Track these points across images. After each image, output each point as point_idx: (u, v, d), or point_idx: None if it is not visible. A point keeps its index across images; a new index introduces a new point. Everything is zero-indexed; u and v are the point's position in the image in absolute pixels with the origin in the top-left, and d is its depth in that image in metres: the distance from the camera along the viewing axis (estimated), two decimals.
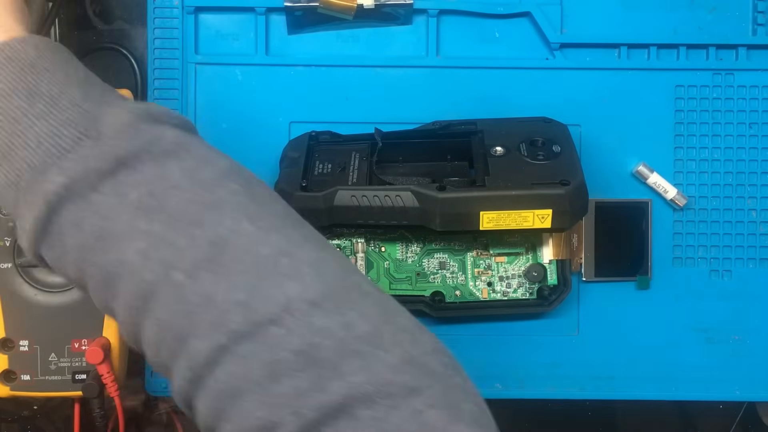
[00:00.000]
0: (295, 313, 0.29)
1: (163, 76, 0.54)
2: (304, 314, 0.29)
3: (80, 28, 0.58)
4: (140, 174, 0.32)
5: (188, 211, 0.32)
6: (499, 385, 0.55)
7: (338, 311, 0.30)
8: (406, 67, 0.55)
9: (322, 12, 0.54)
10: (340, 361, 0.29)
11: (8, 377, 0.50)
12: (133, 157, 0.32)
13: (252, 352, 0.29)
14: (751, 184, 0.55)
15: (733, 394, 0.55)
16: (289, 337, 0.29)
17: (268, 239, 0.31)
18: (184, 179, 0.32)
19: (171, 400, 0.48)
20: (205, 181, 0.33)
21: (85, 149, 0.32)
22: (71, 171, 0.32)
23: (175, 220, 0.31)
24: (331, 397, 0.28)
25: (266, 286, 0.30)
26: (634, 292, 0.55)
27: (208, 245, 0.31)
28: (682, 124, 0.55)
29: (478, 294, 0.53)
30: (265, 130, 0.55)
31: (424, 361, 0.30)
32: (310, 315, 0.30)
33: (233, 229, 0.31)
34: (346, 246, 0.53)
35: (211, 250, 0.31)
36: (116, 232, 0.31)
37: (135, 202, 0.31)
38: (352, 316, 0.30)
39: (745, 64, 0.55)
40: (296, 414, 0.28)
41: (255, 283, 0.30)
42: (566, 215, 0.47)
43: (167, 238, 0.31)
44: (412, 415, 0.28)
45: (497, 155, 0.49)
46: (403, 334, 0.30)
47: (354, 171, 0.50)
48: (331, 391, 0.28)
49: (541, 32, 0.55)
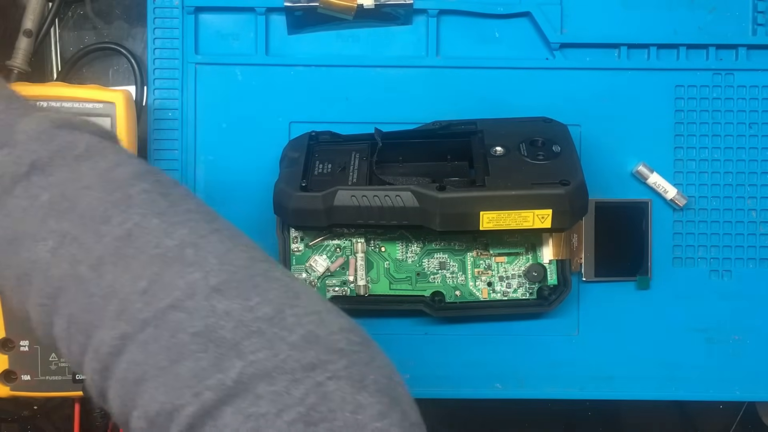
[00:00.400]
0: (196, 297, 0.30)
1: (163, 76, 0.54)
2: (205, 298, 0.30)
3: (80, 28, 0.58)
4: (53, 177, 0.33)
5: (98, 209, 0.32)
6: (499, 385, 0.55)
7: (240, 296, 0.30)
8: (406, 67, 0.55)
9: (322, 12, 0.54)
10: (240, 341, 0.29)
11: (8, 377, 0.50)
12: (47, 161, 0.33)
13: (154, 338, 0.30)
14: (751, 184, 0.55)
15: (733, 394, 0.55)
16: (190, 320, 0.30)
17: (174, 232, 0.32)
18: (96, 180, 0.33)
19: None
20: (117, 182, 0.34)
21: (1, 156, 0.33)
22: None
23: (85, 218, 0.32)
24: (231, 375, 0.28)
25: (169, 275, 0.31)
26: (634, 292, 0.55)
27: (114, 240, 0.32)
28: (682, 124, 0.55)
29: (478, 294, 0.53)
30: (265, 130, 0.55)
31: (329, 339, 0.30)
32: (211, 299, 0.30)
33: (140, 224, 0.32)
34: (346, 246, 0.53)
35: (116, 244, 0.32)
36: (28, 233, 0.33)
37: (46, 204, 0.33)
38: (255, 300, 0.30)
39: (745, 64, 0.55)
40: (197, 395, 0.28)
41: (158, 272, 0.31)
42: (566, 215, 0.47)
43: (76, 235, 0.32)
44: (314, 387, 0.28)
45: (497, 155, 0.49)
46: (309, 316, 0.31)
47: (354, 171, 0.50)
48: (231, 370, 0.28)
49: (541, 32, 0.55)
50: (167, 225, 0.32)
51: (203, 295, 0.30)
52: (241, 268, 0.32)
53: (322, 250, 0.53)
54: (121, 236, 0.32)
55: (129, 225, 0.32)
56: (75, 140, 0.35)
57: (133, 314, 0.30)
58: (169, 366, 0.29)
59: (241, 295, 0.30)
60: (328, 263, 0.53)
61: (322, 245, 0.53)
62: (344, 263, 0.53)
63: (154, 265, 0.31)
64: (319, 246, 0.53)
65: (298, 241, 0.53)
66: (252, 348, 0.29)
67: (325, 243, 0.53)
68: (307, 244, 0.53)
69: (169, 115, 0.54)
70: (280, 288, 0.32)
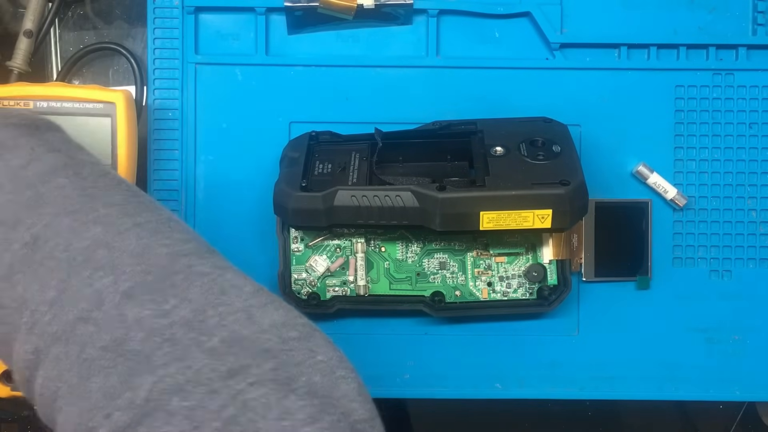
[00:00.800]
0: (104, 307, 0.28)
1: (163, 76, 0.54)
2: (115, 307, 0.28)
3: (80, 28, 0.58)
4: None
5: (7, 212, 0.31)
6: (499, 385, 0.55)
7: (154, 300, 0.28)
8: (406, 67, 0.55)
9: (322, 12, 0.54)
10: (152, 353, 0.27)
11: (9, 377, 0.50)
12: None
13: (64, 353, 0.28)
14: (751, 184, 0.55)
15: (733, 394, 0.55)
16: (98, 333, 0.28)
17: (86, 232, 0.30)
18: (7, 179, 0.31)
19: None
20: (29, 179, 0.31)
21: None
22: None
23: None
24: (141, 394, 0.26)
25: (77, 282, 0.29)
26: (634, 292, 0.55)
27: (22, 246, 0.30)
28: (682, 124, 0.55)
29: (478, 294, 0.53)
30: (265, 130, 0.55)
31: (254, 339, 0.28)
32: (121, 307, 0.28)
33: (49, 225, 0.30)
34: (346, 246, 0.53)
35: (24, 251, 0.30)
36: None
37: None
38: (172, 303, 0.28)
39: (745, 64, 0.55)
40: (107, 416, 0.26)
41: (65, 279, 0.29)
42: (566, 215, 0.47)
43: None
44: (232, 397, 0.26)
45: (497, 155, 0.49)
46: (235, 314, 0.28)
47: (354, 171, 0.50)
48: (141, 387, 0.26)
49: (541, 32, 0.55)
50: (79, 224, 0.30)
51: (112, 304, 0.28)
52: (159, 266, 0.29)
53: (322, 250, 0.53)
54: (29, 242, 0.30)
55: (37, 228, 0.30)
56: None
57: (43, 328, 0.28)
58: (78, 383, 0.27)
59: (155, 299, 0.28)
60: (328, 263, 0.53)
61: (322, 245, 0.53)
62: (344, 263, 0.53)
63: (62, 271, 0.29)
64: (319, 246, 0.53)
65: (298, 241, 0.53)
66: (164, 360, 0.27)
67: (325, 243, 0.53)
68: (307, 244, 0.53)
69: (169, 115, 0.54)
70: (205, 285, 0.29)
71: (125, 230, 0.30)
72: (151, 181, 0.54)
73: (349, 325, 0.54)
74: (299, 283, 0.53)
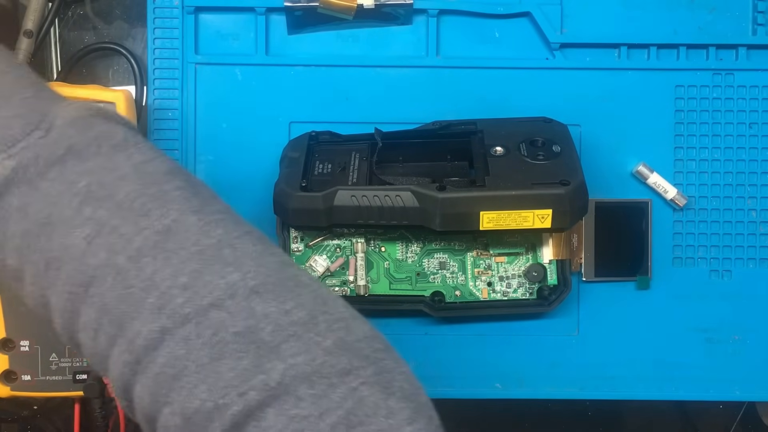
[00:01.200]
0: (236, 297, 0.30)
1: (163, 76, 0.54)
2: (245, 299, 0.30)
3: (80, 28, 0.58)
4: (90, 163, 0.33)
5: (135, 201, 0.32)
6: (499, 385, 0.55)
7: (276, 299, 0.31)
8: (406, 67, 0.55)
9: (322, 12, 0.54)
10: (279, 344, 0.29)
11: (9, 377, 0.50)
12: (84, 147, 0.33)
13: (195, 334, 0.30)
14: (751, 184, 0.55)
15: (733, 394, 0.55)
16: (231, 320, 0.30)
17: (211, 231, 0.32)
18: (132, 172, 0.33)
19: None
20: (152, 175, 0.33)
21: (35, 138, 0.33)
22: (20, 156, 0.32)
23: (122, 209, 0.32)
24: (274, 377, 0.29)
25: (209, 273, 0.31)
26: (634, 292, 0.55)
27: (153, 234, 0.31)
28: (682, 124, 0.55)
29: (478, 294, 0.53)
30: (265, 130, 0.55)
31: (356, 346, 0.30)
32: (250, 300, 0.30)
33: (178, 220, 0.32)
34: (346, 246, 0.53)
35: (156, 238, 0.31)
36: (62, 218, 0.32)
37: (83, 190, 0.32)
38: (290, 304, 0.31)
39: (745, 64, 0.55)
40: (241, 395, 0.28)
41: (198, 269, 0.31)
42: (566, 215, 0.47)
43: (113, 225, 0.32)
44: (350, 392, 0.29)
45: (497, 155, 0.49)
46: (338, 323, 0.31)
47: (354, 171, 0.50)
48: (273, 371, 0.29)
49: (541, 32, 0.55)
50: (204, 223, 0.32)
51: (243, 296, 0.30)
52: (275, 271, 0.32)
53: (322, 250, 0.53)
54: (161, 230, 0.31)
55: (168, 220, 0.32)
56: (112, 130, 0.34)
57: (174, 309, 0.30)
58: (209, 363, 0.29)
59: (277, 298, 0.31)
60: (328, 263, 0.53)
61: (322, 245, 0.53)
62: (344, 263, 0.53)
63: (194, 261, 0.31)
64: (319, 246, 0.53)
65: (298, 241, 0.53)
66: (291, 351, 0.29)
67: (325, 243, 0.53)
68: (307, 244, 0.53)
69: (169, 115, 0.54)
70: (310, 293, 0.32)
71: (241, 235, 0.33)
72: None
73: None
74: None
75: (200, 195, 0.34)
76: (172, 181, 0.34)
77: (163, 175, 0.34)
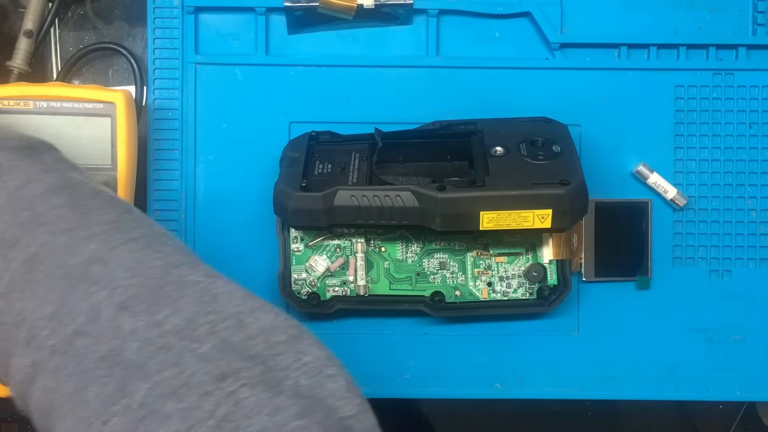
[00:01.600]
0: (100, 320, 0.29)
1: (163, 76, 0.54)
2: (110, 319, 0.29)
3: (80, 28, 0.58)
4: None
5: (5, 233, 0.32)
6: (499, 385, 0.55)
7: (148, 311, 0.30)
8: (406, 67, 0.55)
9: (322, 12, 0.54)
10: (146, 362, 0.28)
11: None
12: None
13: (61, 365, 0.29)
14: (751, 184, 0.55)
15: (733, 394, 0.55)
16: (95, 345, 0.29)
17: (82, 248, 0.31)
18: (4, 201, 0.33)
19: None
20: (27, 199, 0.33)
21: None
22: None
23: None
24: (137, 398, 0.28)
25: (73, 297, 0.30)
26: (634, 292, 0.55)
27: (20, 265, 0.31)
28: (682, 124, 0.55)
29: (478, 294, 0.53)
30: (265, 130, 0.55)
31: (243, 345, 0.29)
32: (116, 319, 0.29)
33: (47, 243, 0.31)
34: (346, 246, 0.53)
35: (23, 269, 0.31)
36: None
37: None
38: (164, 312, 0.30)
39: (745, 64, 0.55)
40: (105, 422, 0.28)
41: (62, 295, 0.30)
42: (566, 215, 0.47)
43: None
44: (225, 397, 0.28)
45: (497, 155, 0.49)
46: (225, 321, 0.30)
47: (354, 171, 0.50)
48: (136, 393, 0.28)
49: (541, 32, 0.55)
50: (74, 242, 0.31)
51: (108, 317, 0.29)
52: (152, 278, 0.31)
53: (322, 250, 0.53)
54: (27, 259, 0.31)
55: (35, 247, 0.31)
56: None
57: (40, 342, 0.30)
58: (75, 393, 0.29)
59: (149, 309, 0.30)
60: (328, 263, 0.53)
61: (322, 245, 0.53)
62: (344, 263, 0.53)
63: (59, 287, 0.30)
64: (319, 246, 0.53)
65: (298, 241, 0.53)
66: (158, 367, 0.28)
67: (325, 243, 0.53)
68: (307, 244, 0.53)
69: (169, 115, 0.54)
70: (195, 294, 0.31)
71: (119, 245, 0.32)
72: (151, 181, 0.54)
73: (349, 325, 0.54)
74: (299, 283, 0.53)
75: (82, 209, 0.33)
76: (49, 200, 0.33)
77: (40, 196, 0.33)
